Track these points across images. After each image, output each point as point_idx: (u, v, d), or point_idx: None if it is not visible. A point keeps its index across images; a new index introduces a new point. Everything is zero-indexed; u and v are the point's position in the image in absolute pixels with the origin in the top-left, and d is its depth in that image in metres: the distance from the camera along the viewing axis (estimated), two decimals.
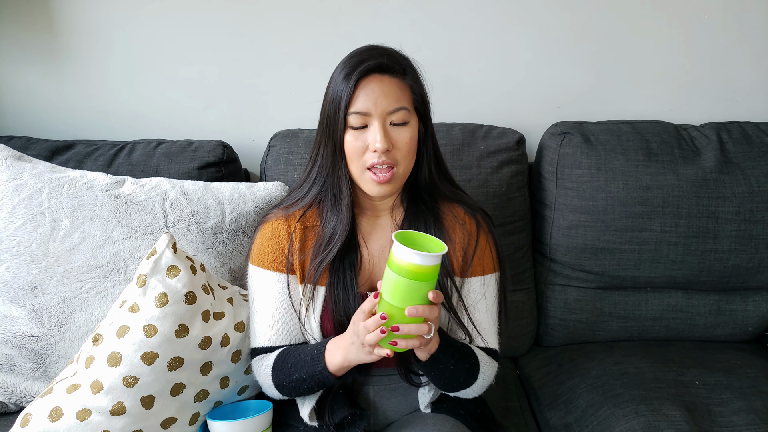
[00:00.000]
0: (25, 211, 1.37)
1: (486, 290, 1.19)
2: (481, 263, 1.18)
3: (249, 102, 1.77)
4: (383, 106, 1.08)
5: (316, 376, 1.10)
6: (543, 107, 1.79)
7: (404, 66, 1.12)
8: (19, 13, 1.68)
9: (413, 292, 0.96)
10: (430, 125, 1.17)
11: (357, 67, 1.09)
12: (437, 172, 1.19)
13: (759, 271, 1.61)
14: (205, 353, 1.17)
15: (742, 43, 1.76)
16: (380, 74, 1.10)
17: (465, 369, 1.13)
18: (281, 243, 1.18)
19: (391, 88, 1.09)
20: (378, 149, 1.07)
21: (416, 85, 1.13)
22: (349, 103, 1.09)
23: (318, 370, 1.09)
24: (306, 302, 1.16)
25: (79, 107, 1.76)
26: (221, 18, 1.70)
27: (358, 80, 1.08)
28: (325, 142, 1.14)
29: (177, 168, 1.57)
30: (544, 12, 1.72)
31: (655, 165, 1.59)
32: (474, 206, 1.21)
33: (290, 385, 1.13)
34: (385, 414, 1.21)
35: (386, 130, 1.09)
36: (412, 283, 0.95)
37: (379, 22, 1.71)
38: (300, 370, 1.11)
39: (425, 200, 1.19)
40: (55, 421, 1.09)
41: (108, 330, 1.15)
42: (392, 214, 1.21)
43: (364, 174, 1.11)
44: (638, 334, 1.66)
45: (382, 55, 1.10)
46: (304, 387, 1.13)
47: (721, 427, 1.29)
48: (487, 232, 1.20)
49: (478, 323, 1.18)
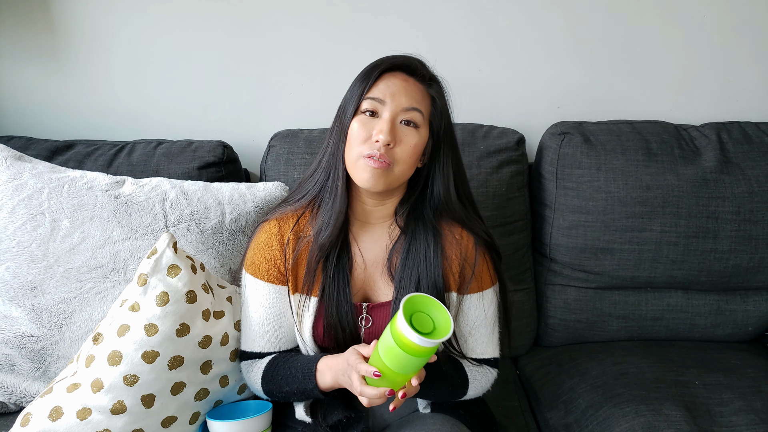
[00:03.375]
0: (25, 211, 1.37)
1: (484, 305, 1.18)
2: (479, 280, 1.17)
3: (249, 102, 1.77)
4: (399, 102, 1.08)
5: (307, 393, 1.12)
6: (543, 107, 1.79)
7: (431, 77, 1.13)
8: (19, 13, 1.68)
9: (409, 364, 0.96)
10: (449, 146, 1.15)
11: (386, 62, 1.10)
12: (457, 193, 1.16)
13: (759, 271, 1.61)
14: (206, 352, 1.17)
15: (742, 43, 1.76)
16: (406, 74, 1.10)
17: (449, 392, 1.16)
18: (274, 253, 1.17)
19: (414, 89, 1.10)
20: (381, 140, 1.06)
21: (438, 100, 1.12)
22: (368, 89, 1.09)
23: (309, 387, 1.11)
24: (298, 310, 1.16)
25: (79, 107, 1.76)
26: (221, 18, 1.70)
27: (382, 72, 1.09)
28: (335, 130, 1.14)
29: (177, 168, 1.57)
30: (544, 12, 1.73)
31: (655, 165, 1.59)
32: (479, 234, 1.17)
33: (280, 395, 1.17)
34: (383, 416, 1.21)
35: (395, 124, 1.08)
36: (411, 357, 0.95)
37: (379, 23, 1.71)
38: (290, 384, 1.13)
39: (425, 220, 1.16)
40: (56, 420, 1.09)
41: (108, 329, 1.15)
42: (389, 229, 1.19)
43: (359, 161, 1.08)
44: (638, 334, 1.66)
45: (412, 60, 1.12)
46: (295, 399, 1.17)
47: (721, 427, 1.29)
48: (484, 249, 1.17)
49: (476, 338, 1.19)
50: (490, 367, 1.21)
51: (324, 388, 1.10)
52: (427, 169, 1.15)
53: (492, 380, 1.21)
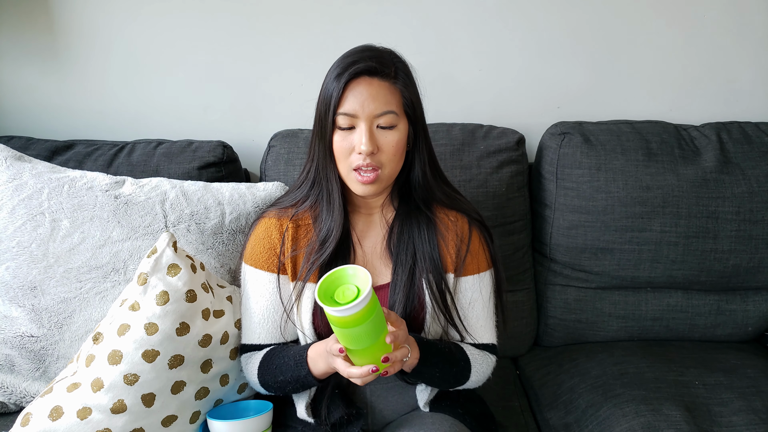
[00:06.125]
0: (25, 211, 1.37)
1: (482, 288, 1.21)
2: (476, 261, 1.20)
3: (249, 102, 1.77)
4: (370, 109, 1.09)
5: (301, 380, 1.12)
6: (543, 107, 1.79)
7: (396, 69, 1.12)
8: (19, 13, 1.68)
9: (357, 335, 0.96)
10: (421, 129, 1.16)
11: (348, 68, 1.09)
12: (432, 174, 1.20)
13: (759, 271, 1.61)
14: (206, 351, 1.17)
15: (742, 43, 1.76)
16: (370, 77, 1.10)
17: (452, 373, 1.16)
18: (273, 242, 1.19)
19: (379, 92, 1.10)
20: (363, 152, 1.08)
21: (407, 89, 1.12)
22: (338, 104, 1.09)
23: (302, 374, 1.11)
24: (296, 299, 1.17)
25: (79, 107, 1.76)
26: (221, 18, 1.70)
27: (347, 82, 1.09)
28: (318, 142, 1.15)
29: (177, 168, 1.57)
30: (544, 12, 1.73)
31: (655, 165, 1.59)
32: (470, 213, 1.22)
33: (276, 385, 1.16)
34: (383, 414, 1.22)
35: (372, 132, 1.09)
36: (352, 329, 0.95)
37: (379, 23, 1.71)
38: (285, 373, 1.13)
39: (415, 199, 1.20)
40: (56, 420, 1.09)
41: (108, 328, 1.15)
42: (383, 212, 1.23)
43: (350, 174, 1.12)
44: (638, 334, 1.66)
45: (372, 58, 1.10)
46: (290, 388, 1.16)
47: (721, 427, 1.29)
48: (479, 230, 1.21)
49: (474, 321, 1.20)
50: (489, 352, 1.22)
51: (318, 374, 1.10)
52: (410, 153, 1.17)
53: (492, 366, 1.22)
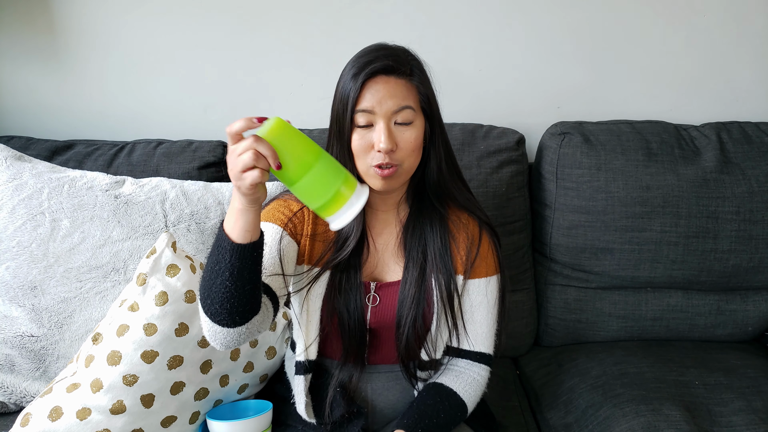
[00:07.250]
0: (25, 211, 1.37)
1: (488, 292, 1.21)
2: (485, 265, 1.21)
3: (249, 102, 1.77)
4: (388, 106, 1.09)
5: (221, 253, 0.94)
6: (543, 107, 1.79)
7: (411, 67, 1.13)
8: (19, 13, 1.68)
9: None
10: (438, 125, 1.17)
11: (364, 68, 1.10)
12: (448, 171, 1.20)
13: (759, 271, 1.61)
14: (205, 352, 1.17)
15: (742, 43, 1.76)
16: (386, 75, 1.10)
17: (453, 423, 1.16)
18: (291, 209, 1.18)
19: (396, 89, 1.10)
20: (382, 149, 1.08)
21: (423, 86, 1.13)
22: (356, 103, 1.09)
23: (221, 246, 0.94)
24: (308, 283, 1.16)
25: (79, 107, 1.76)
26: (221, 18, 1.70)
27: (364, 81, 1.09)
28: (336, 142, 1.14)
29: (177, 168, 1.57)
30: (544, 12, 1.73)
31: (655, 165, 1.59)
32: (480, 217, 1.22)
33: (205, 292, 0.98)
34: (384, 412, 1.21)
35: (390, 130, 1.09)
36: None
37: (379, 23, 1.71)
38: (209, 258, 0.97)
39: (431, 198, 1.20)
40: (55, 420, 1.09)
41: (108, 329, 1.15)
42: (398, 210, 1.23)
43: (370, 170, 1.11)
44: (638, 334, 1.66)
45: (388, 57, 1.11)
46: (216, 280, 0.95)
47: (721, 427, 1.29)
48: (489, 235, 1.22)
49: (477, 326, 1.20)
50: (482, 364, 1.21)
51: (230, 231, 0.94)
52: (426, 150, 1.18)
53: (485, 382, 1.21)
